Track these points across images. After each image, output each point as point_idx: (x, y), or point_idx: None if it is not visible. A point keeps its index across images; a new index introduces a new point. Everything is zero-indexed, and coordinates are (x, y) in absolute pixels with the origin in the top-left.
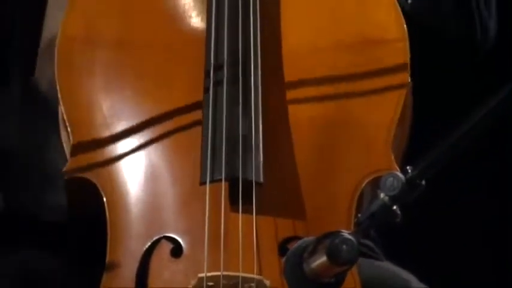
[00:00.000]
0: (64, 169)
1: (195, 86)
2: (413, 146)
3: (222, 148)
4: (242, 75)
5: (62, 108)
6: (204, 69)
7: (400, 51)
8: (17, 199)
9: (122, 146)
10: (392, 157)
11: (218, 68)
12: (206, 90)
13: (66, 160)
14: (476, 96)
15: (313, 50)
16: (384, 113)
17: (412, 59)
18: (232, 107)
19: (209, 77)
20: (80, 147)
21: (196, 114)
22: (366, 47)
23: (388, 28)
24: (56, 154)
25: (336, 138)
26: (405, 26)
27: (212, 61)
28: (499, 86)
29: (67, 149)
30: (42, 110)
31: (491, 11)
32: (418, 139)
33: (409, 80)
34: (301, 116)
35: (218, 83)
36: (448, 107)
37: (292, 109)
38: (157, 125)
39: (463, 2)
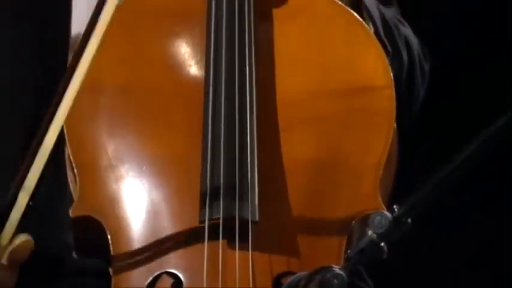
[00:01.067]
0: (71, 208)
1: (195, 129)
2: (400, 186)
3: (220, 189)
4: (239, 120)
5: (68, 150)
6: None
7: (386, 98)
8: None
9: (125, 187)
10: (380, 198)
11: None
12: (205, 134)
13: (72, 199)
14: (462, 135)
15: (305, 98)
16: (372, 156)
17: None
18: (230, 151)
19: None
20: (85, 188)
21: (196, 155)
22: (355, 93)
23: (376, 76)
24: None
25: (327, 179)
26: (391, 74)
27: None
28: (484, 125)
29: (73, 189)
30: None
31: (424, 82)
32: (404, 179)
33: (395, 125)
34: (295, 158)
35: (216, 129)
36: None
37: (286, 152)
38: (159, 167)
39: (410, 76)
